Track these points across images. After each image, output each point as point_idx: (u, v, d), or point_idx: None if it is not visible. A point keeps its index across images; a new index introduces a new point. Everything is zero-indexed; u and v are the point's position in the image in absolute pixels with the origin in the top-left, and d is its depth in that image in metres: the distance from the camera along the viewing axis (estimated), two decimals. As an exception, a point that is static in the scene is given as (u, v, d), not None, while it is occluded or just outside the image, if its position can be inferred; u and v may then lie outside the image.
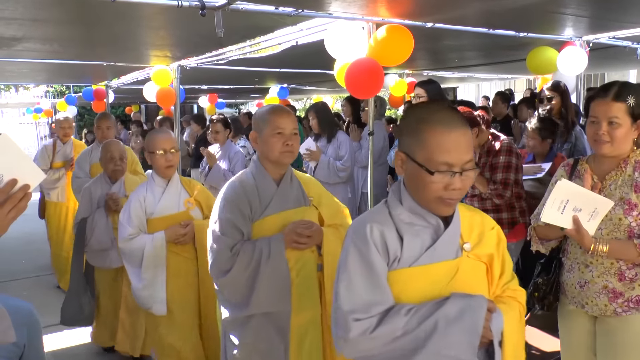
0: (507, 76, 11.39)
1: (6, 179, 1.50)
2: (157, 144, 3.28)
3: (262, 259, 2.39)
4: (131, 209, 3.29)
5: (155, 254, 3.20)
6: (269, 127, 2.48)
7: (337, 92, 15.03)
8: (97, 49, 5.50)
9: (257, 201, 2.48)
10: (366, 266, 1.64)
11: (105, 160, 4.12)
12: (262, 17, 3.77)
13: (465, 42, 5.69)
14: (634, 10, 4.04)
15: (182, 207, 3.35)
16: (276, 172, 2.56)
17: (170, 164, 3.31)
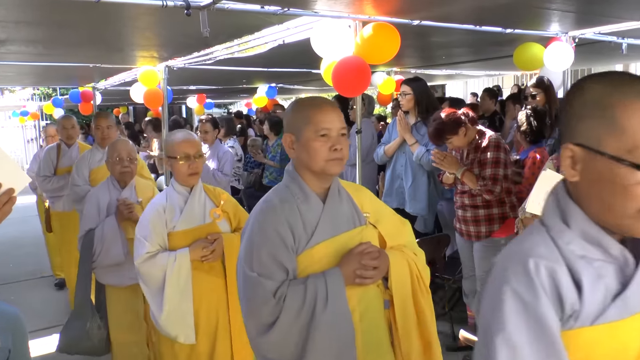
0: (495, 72, 11.42)
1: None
2: (179, 148, 2.84)
3: (318, 303, 1.81)
4: (150, 222, 2.82)
5: (179, 275, 2.76)
6: (310, 127, 1.90)
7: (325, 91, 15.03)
8: (83, 50, 5.46)
9: (300, 226, 1.90)
10: (536, 326, 1.10)
11: (112, 161, 3.62)
12: (248, 16, 3.75)
13: (452, 38, 5.69)
14: (618, 4, 4.06)
15: (208, 219, 2.91)
16: (320, 185, 1.98)
17: (194, 171, 2.87)
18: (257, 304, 1.81)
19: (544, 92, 4.44)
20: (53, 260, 6.38)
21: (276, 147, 7.18)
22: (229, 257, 2.85)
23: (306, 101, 2.03)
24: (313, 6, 3.57)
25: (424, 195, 4.40)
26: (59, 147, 5.50)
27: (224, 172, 5.41)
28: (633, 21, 4.58)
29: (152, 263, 2.76)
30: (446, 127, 3.59)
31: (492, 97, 6.97)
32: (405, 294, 1.96)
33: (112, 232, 3.43)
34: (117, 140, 3.82)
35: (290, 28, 4.37)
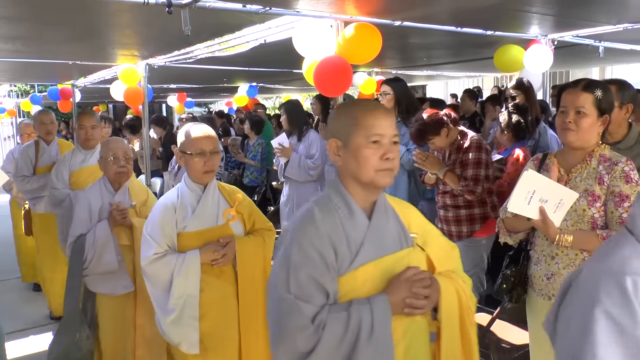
0: (475, 74, 11.53)
1: None
2: (195, 144, 2.64)
3: (362, 334, 1.59)
4: (159, 221, 2.64)
5: (187, 278, 2.58)
6: (360, 132, 1.70)
7: (307, 91, 15.04)
8: (63, 47, 5.40)
9: (344, 244, 1.68)
10: (636, 352, 0.96)
11: (107, 161, 3.37)
12: (229, 15, 3.74)
13: (433, 40, 5.73)
14: (596, 9, 4.13)
15: (221, 220, 2.72)
16: (367, 199, 1.76)
17: (209, 169, 2.67)
18: (292, 329, 1.59)
19: (524, 94, 4.49)
20: (24, 265, 6.07)
21: (257, 147, 7.17)
22: (241, 262, 2.68)
23: (357, 103, 1.85)
24: (295, 6, 3.57)
25: (405, 195, 4.41)
26: (37, 144, 5.14)
27: None
28: (609, 25, 4.66)
29: (160, 264, 2.59)
30: (428, 128, 3.61)
31: (472, 98, 7.03)
32: (453, 327, 1.77)
33: (104, 238, 3.21)
34: (112, 138, 3.59)
35: (271, 27, 4.37)
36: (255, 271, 2.74)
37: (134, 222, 3.23)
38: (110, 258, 3.20)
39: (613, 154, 2.41)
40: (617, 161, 2.36)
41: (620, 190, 2.31)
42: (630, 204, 2.30)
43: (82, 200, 3.37)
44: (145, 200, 3.45)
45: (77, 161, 4.42)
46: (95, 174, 4.09)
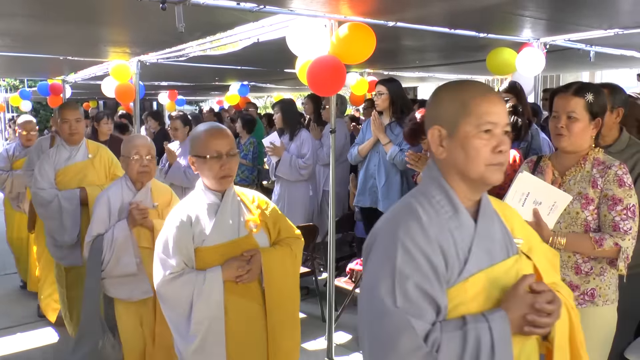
0: (467, 77, 11.57)
1: None
2: (209, 145, 2.35)
3: (482, 356, 1.37)
4: (173, 235, 2.34)
5: (209, 299, 2.29)
6: (469, 120, 1.46)
7: (298, 90, 15.04)
8: (54, 43, 5.35)
9: (452, 250, 1.45)
10: None
11: (130, 159, 3.14)
12: (223, 13, 3.73)
13: (426, 42, 5.74)
14: (587, 13, 4.16)
15: (244, 231, 2.42)
16: (472, 197, 1.54)
17: (226, 173, 2.37)
18: (403, 351, 1.35)
19: (516, 97, 4.50)
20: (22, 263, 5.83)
21: (248, 146, 7.15)
22: (268, 277, 2.39)
23: (465, 86, 1.54)
24: (289, 4, 3.56)
25: (397, 194, 4.43)
26: (53, 138, 4.84)
27: None
28: (601, 30, 4.69)
29: (177, 285, 2.28)
30: (421, 128, 3.60)
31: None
32: (564, 349, 1.56)
33: (123, 238, 3.04)
34: (135, 135, 3.36)
35: (265, 26, 4.36)
36: (283, 286, 2.46)
37: (155, 223, 3.06)
38: (129, 260, 3.03)
39: (607, 157, 2.43)
40: (611, 165, 2.37)
41: (614, 193, 2.33)
42: (623, 207, 2.31)
43: (101, 198, 3.21)
44: (168, 201, 3.27)
45: (62, 158, 4.09)
46: (83, 172, 4.04)
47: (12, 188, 5.53)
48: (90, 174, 4.07)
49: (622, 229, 2.32)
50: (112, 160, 4.22)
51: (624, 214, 2.32)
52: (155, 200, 3.21)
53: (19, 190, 5.52)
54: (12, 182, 5.51)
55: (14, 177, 5.49)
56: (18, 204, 5.61)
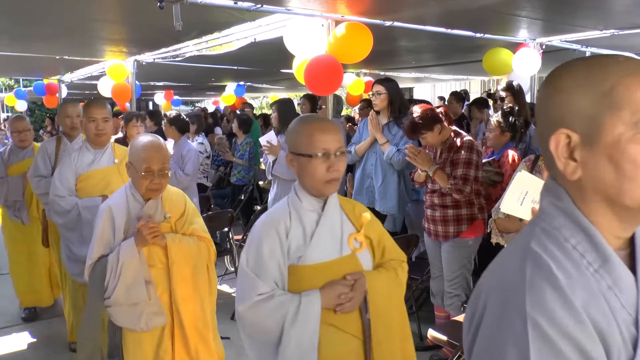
0: (462, 77, 11.61)
1: None
2: (315, 142, 1.91)
3: None
4: (265, 248, 1.92)
5: (303, 329, 1.91)
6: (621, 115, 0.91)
7: (294, 91, 15.05)
8: (50, 42, 5.35)
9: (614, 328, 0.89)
10: None
11: (139, 173, 2.63)
12: (220, 12, 3.74)
13: (422, 43, 5.77)
14: (583, 14, 4.19)
15: (347, 249, 1.98)
16: (622, 234, 0.99)
17: (335, 176, 1.93)
18: None
19: (513, 96, 4.53)
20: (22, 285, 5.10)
21: (245, 146, 7.14)
22: (373, 307, 1.97)
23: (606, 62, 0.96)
24: (286, 3, 3.57)
25: (394, 195, 4.43)
26: (59, 140, 4.41)
27: (185, 171, 5.28)
28: (596, 30, 4.72)
29: (267, 310, 1.90)
30: (422, 122, 3.62)
31: (459, 101, 7.07)
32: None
33: (130, 262, 2.60)
34: (148, 141, 2.71)
35: (262, 25, 4.37)
36: (390, 319, 2.04)
37: (168, 240, 2.64)
38: (138, 286, 2.60)
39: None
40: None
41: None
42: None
43: (103, 212, 2.72)
44: (182, 211, 2.80)
45: (84, 162, 3.65)
46: (107, 179, 3.62)
47: (7, 196, 4.87)
48: (114, 181, 3.59)
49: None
50: None
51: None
52: (167, 211, 2.75)
53: (15, 199, 4.87)
54: (8, 189, 4.86)
55: (9, 184, 4.86)
56: (15, 214, 4.95)
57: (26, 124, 4.93)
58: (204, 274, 2.77)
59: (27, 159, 4.78)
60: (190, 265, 2.70)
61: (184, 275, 2.67)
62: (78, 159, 3.63)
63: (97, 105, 3.65)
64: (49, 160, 4.27)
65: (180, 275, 2.66)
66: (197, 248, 2.75)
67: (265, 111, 17.64)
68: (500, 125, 4.02)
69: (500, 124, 4.03)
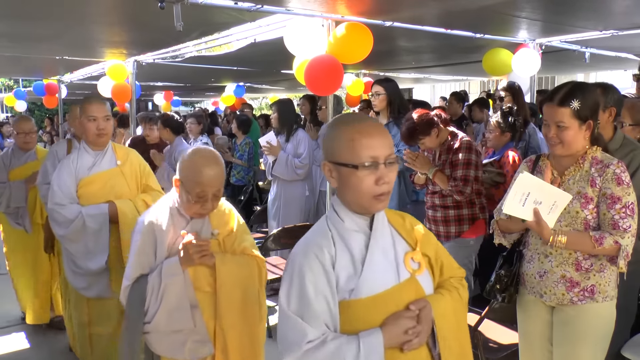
0: (462, 78, 11.62)
1: None
2: (362, 150, 1.56)
3: None
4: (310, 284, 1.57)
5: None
6: None
7: (294, 92, 15.06)
8: (50, 44, 5.35)
9: None
10: None
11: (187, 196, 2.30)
12: (220, 12, 3.74)
13: (422, 43, 5.77)
14: (582, 15, 4.20)
15: (404, 273, 1.65)
16: None
17: (385, 190, 1.60)
18: None
19: (512, 96, 4.54)
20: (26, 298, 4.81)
21: (244, 146, 7.15)
22: (443, 338, 1.67)
23: None
24: (287, 4, 3.58)
25: (395, 195, 4.43)
26: (70, 143, 4.11)
27: None
28: (596, 31, 4.73)
29: (326, 351, 1.55)
30: (419, 128, 3.63)
31: (459, 101, 7.09)
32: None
33: (174, 283, 2.29)
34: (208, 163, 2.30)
35: (262, 26, 4.37)
36: (460, 349, 1.74)
37: (217, 260, 2.32)
38: (182, 311, 2.31)
39: (605, 156, 2.44)
40: (609, 163, 2.38)
41: (612, 192, 2.34)
42: (622, 205, 2.33)
43: (144, 227, 2.40)
44: (231, 228, 2.49)
45: (84, 166, 3.33)
46: (111, 183, 3.35)
47: (9, 202, 4.51)
48: (118, 184, 3.36)
49: (622, 227, 2.33)
50: (144, 167, 3.51)
51: (623, 212, 2.33)
52: (215, 227, 2.44)
53: (17, 205, 4.53)
54: (10, 195, 4.51)
55: (11, 189, 4.51)
56: (17, 221, 4.62)
57: (32, 125, 4.67)
58: (254, 298, 2.43)
59: (30, 162, 4.59)
60: (241, 288, 2.37)
61: (233, 299, 2.34)
62: (77, 163, 3.33)
63: (97, 102, 3.36)
64: None
65: (229, 300, 2.33)
66: (249, 269, 2.43)
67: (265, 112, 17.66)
68: (500, 126, 4.03)
69: (500, 124, 4.03)
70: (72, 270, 3.34)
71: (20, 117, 4.76)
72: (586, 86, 2.43)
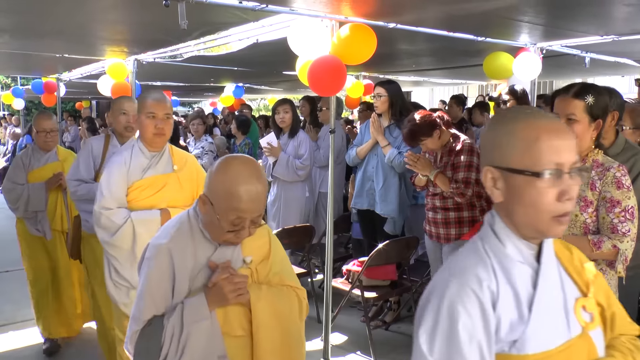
0: (461, 81, 11.63)
1: None
2: (546, 153, 1.23)
3: None
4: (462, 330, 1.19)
5: None
6: None
7: (293, 93, 15.06)
8: (50, 41, 5.33)
9: None
10: None
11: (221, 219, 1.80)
12: (224, 11, 3.73)
13: (423, 46, 5.78)
14: (584, 20, 4.21)
15: (576, 326, 1.30)
16: None
17: (566, 210, 1.26)
18: None
19: (515, 100, 4.56)
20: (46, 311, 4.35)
21: (243, 147, 7.14)
22: None
23: None
24: (291, 4, 3.58)
25: (395, 197, 4.44)
26: (107, 139, 3.75)
27: None
28: (597, 36, 4.74)
29: None
30: (421, 129, 3.65)
31: (459, 105, 7.10)
32: None
33: (200, 328, 1.81)
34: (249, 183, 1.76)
35: (265, 26, 4.37)
36: None
37: (252, 296, 1.88)
38: None
39: (606, 159, 2.44)
40: (609, 167, 2.39)
41: (612, 196, 2.34)
42: (621, 209, 2.33)
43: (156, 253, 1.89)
44: (266, 252, 2.03)
45: (138, 168, 2.99)
46: (165, 189, 2.99)
47: (27, 206, 4.13)
48: (172, 190, 3.01)
49: (621, 231, 2.33)
50: (202, 176, 3.08)
51: (623, 216, 2.34)
52: (246, 253, 1.96)
53: (36, 209, 4.18)
54: (28, 198, 4.13)
55: (30, 192, 4.14)
56: (36, 226, 4.23)
57: (54, 123, 4.29)
58: (297, 339, 2.01)
59: (51, 164, 4.28)
60: (281, 328, 1.92)
61: (272, 343, 1.89)
62: (130, 163, 2.98)
63: (158, 99, 3.00)
64: (93, 162, 3.65)
65: (268, 345, 1.88)
66: (289, 304, 1.99)
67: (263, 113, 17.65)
68: None
69: None
70: (114, 282, 2.96)
71: (41, 114, 4.35)
72: (599, 87, 2.46)
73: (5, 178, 4.24)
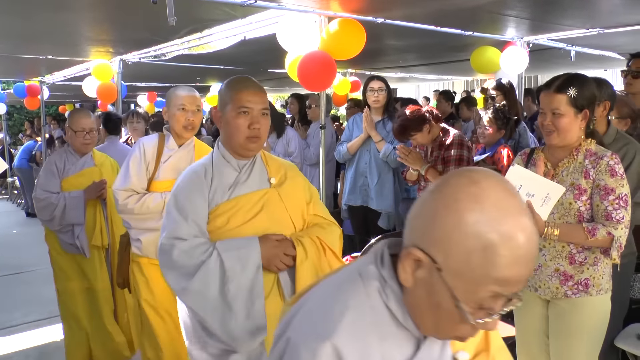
0: (446, 77, 11.68)
1: None
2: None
3: None
4: None
5: None
6: None
7: (278, 92, 15.02)
8: (34, 42, 5.27)
9: None
10: None
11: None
12: (213, 8, 3.71)
13: (410, 42, 5.79)
14: (570, 13, 4.24)
15: None
16: None
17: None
18: None
19: (504, 95, 4.56)
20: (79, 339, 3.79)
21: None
22: None
23: None
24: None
25: (390, 192, 4.43)
26: (162, 139, 3.06)
27: None
28: (583, 29, 4.78)
29: None
30: (410, 124, 3.64)
31: (448, 100, 7.12)
32: None
33: None
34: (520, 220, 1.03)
35: (252, 22, 4.35)
36: None
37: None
38: None
39: (599, 148, 2.46)
40: (603, 155, 2.40)
41: (606, 183, 2.36)
42: (615, 197, 2.35)
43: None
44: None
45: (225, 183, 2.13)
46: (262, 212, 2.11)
47: (62, 219, 3.56)
48: (274, 212, 2.15)
49: (615, 218, 2.34)
50: (311, 190, 2.32)
51: (617, 204, 2.35)
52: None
53: (73, 222, 3.59)
54: (64, 210, 3.55)
55: (65, 203, 3.56)
56: (72, 242, 3.64)
57: (93, 121, 3.72)
58: None
59: (88, 169, 3.72)
60: None
61: None
62: (214, 179, 2.11)
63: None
64: (146, 167, 2.94)
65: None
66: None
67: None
68: (496, 122, 4.05)
69: (496, 121, 4.05)
70: (199, 340, 2.09)
71: (77, 111, 3.83)
72: (583, 77, 2.46)
73: (36, 185, 3.69)
